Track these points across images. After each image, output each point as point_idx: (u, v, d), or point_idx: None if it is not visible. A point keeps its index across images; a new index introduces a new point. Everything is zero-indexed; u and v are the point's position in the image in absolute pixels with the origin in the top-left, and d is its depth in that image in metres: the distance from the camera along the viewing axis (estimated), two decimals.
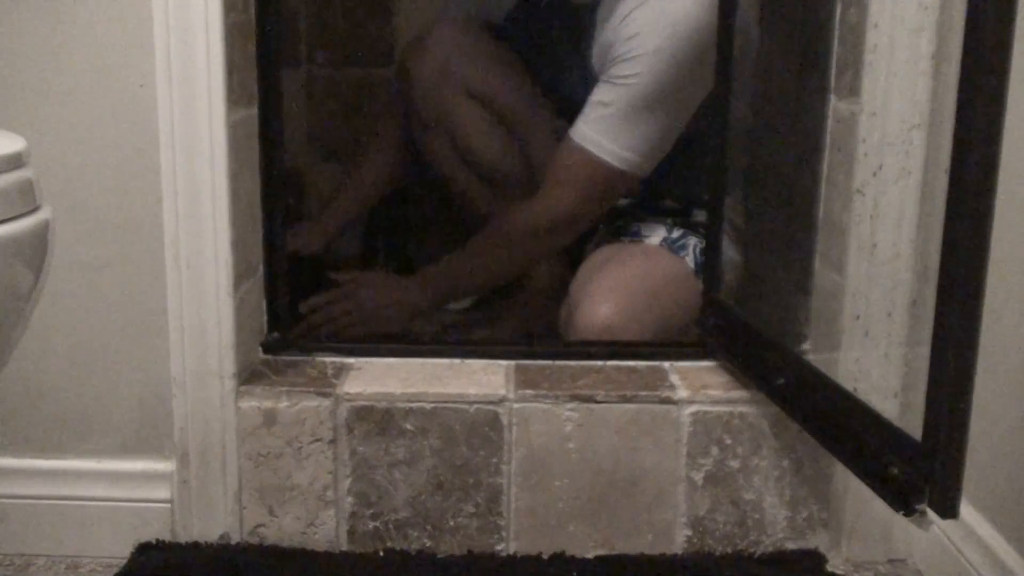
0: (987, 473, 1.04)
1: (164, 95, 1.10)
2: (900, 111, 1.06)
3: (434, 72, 1.57)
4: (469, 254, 1.53)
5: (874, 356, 1.11)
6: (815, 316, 1.21)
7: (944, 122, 0.97)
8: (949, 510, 0.82)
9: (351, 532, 1.20)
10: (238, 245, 1.16)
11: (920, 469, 0.85)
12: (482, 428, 1.18)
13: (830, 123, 1.15)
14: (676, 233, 1.50)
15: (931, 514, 0.84)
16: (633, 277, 1.42)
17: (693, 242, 1.48)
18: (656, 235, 1.50)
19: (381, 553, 1.19)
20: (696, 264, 1.44)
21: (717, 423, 1.18)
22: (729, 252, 1.35)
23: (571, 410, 1.17)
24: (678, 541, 1.20)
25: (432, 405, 1.17)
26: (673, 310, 1.39)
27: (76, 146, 1.13)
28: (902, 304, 1.07)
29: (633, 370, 1.25)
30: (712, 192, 1.28)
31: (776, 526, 1.20)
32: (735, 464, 1.19)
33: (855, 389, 1.01)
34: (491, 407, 1.17)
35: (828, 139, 1.16)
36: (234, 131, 1.14)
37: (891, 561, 1.20)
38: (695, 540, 1.20)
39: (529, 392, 1.18)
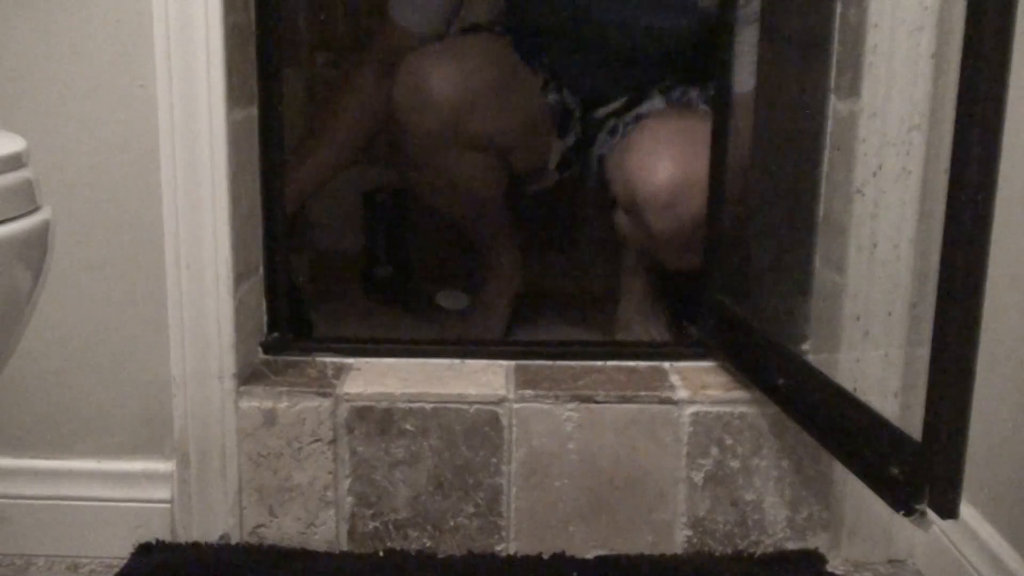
0: (987, 473, 1.04)
1: (164, 95, 1.10)
2: (900, 111, 1.06)
3: (435, 128, 1.44)
4: None
5: (874, 356, 1.11)
6: (815, 316, 1.21)
7: (944, 122, 0.97)
8: (949, 510, 0.82)
9: (351, 532, 1.20)
10: (238, 245, 1.16)
11: (920, 469, 0.84)
12: (482, 428, 1.18)
13: (830, 123, 1.15)
14: (676, 93, 1.50)
15: (931, 514, 0.84)
16: (675, 139, 1.39)
17: (694, 93, 1.49)
18: (658, 102, 1.49)
19: (381, 553, 1.19)
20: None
21: (717, 423, 1.18)
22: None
23: (571, 410, 1.17)
24: (678, 541, 1.20)
25: (432, 405, 1.17)
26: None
27: (76, 146, 1.13)
28: (902, 304, 1.07)
29: (633, 370, 1.25)
30: (712, 192, 1.28)
31: (776, 526, 1.20)
32: (735, 464, 1.19)
33: (855, 389, 1.01)
34: (491, 407, 1.17)
35: (828, 139, 1.16)
36: (234, 131, 1.14)
37: (891, 561, 1.20)
38: (695, 540, 1.20)
39: (529, 392, 1.18)
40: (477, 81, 1.44)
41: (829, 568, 1.17)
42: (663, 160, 1.34)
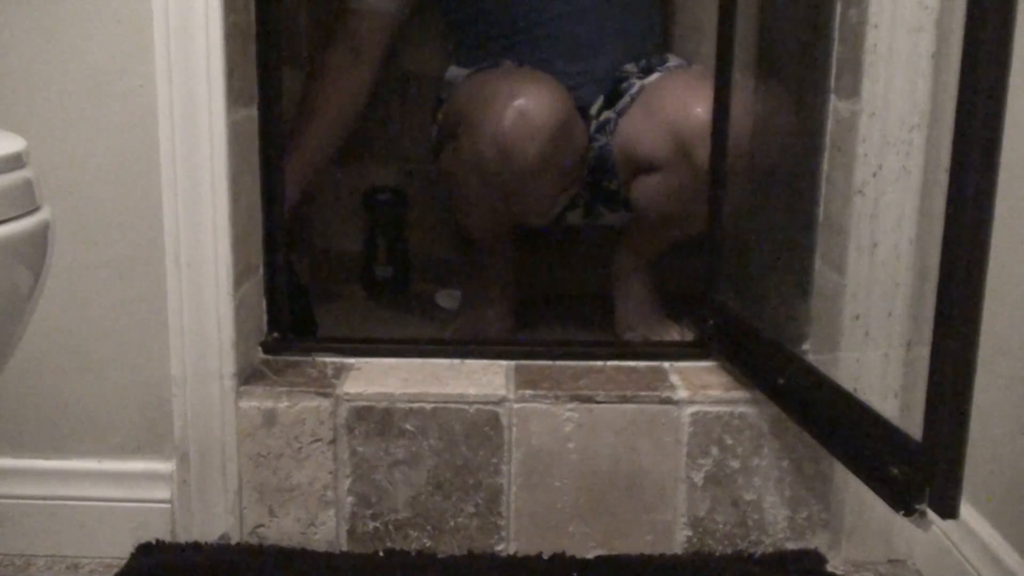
0: (987, 473, 1.04)
1: (164, 95, 1.10)
2: (900, 111, 1.06)
3: (541, 156, 1.38)
4: None
5: (874, 356, 1.11)
6: (815, 316, 1.21)
7: (944, 122, 0.97)
8: (949, 510, 0.82)
9: (351, 532, 1.20)
10: (238, 245, 1.16)
11: (920, 469, 0.85)
12: (482, 428, 1.18)
13: (830, 123, 1.15)
14: (672, 62, 1.55)
15: (931, 514, 0.84)
16: (695, 81, 1.43)
17: (673, 63, 1.55)
18: (655, 74, 1.53)
19: (381, 553, 1.19)
20: None
21: (717, 423, 1.18)
22: None
23: (571, 410, 1.17)
24: (678, 541, 1.20)
25: (432, 405, 1.17)
26: None
27: (76, 146, 1.13)
28: (902, 304, 1.07)
29: (633, 370, 1.25)
30: (712, 194, 1.28)
31: (776, 526, 1.20)
32: (735, 464, 1.19)
33: (855, 389, 1.01)
34: (491, 407, 1.17)
35: (828, 139, 1.16)
36: (234, 131, 1.14)
37: (891, 561, 1.20)
38: (695, 540, 1.20)
39: (529, 392, 1.18)
40: (566, 104, 1.43)
41: (829, 568, 1.17)
42: (699, 96, 1.36)
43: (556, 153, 1.41)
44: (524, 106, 1.37)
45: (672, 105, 1.41)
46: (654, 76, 1.52)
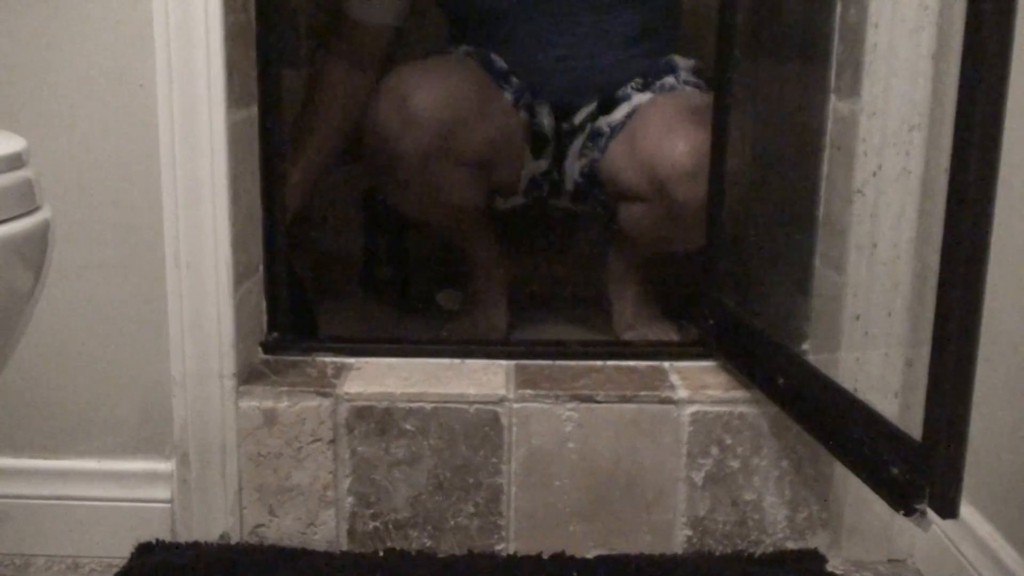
0: (987, 473, 1.04)
1: (164, 95, 1.10)
2: (900, 111, 1.06)
3: (421, 144, 1.41)
4: None
5: (874, 356, 1.11)
6: (815, 316, 1.21)
7: (944, 122, 0.97)
8: (949, 510, 0.82)
9: (351, 532, 1.20)
10: (238, 245, 1.16)
11: (920, 469, 0.85)
12: (482, 428, 1.18)
13: (830, 123, 1.15)
14: (656, 84, 1.53)
15: (931, 514, 0.84)
16: (683, 113, 1.42)
17: (670, 79, 1.53)
18: (649, 92, 1.52)
19: (381, 553, 1.19)
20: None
21: (717, 423, 1.18)
22: None
23: (571, 410, 1.17)
24: (678, 541, 1.20)
25: (432, 405, 1.17)
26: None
27: (76, 146, 1.13)
28: (902, 304, 1.07)
29: (633, 370, 1.25)
30: (712, 195, 1.28)
31: (776, 526, 1.20)
32: (735, 464, 1.19)
33: (855, 389, 1.01)
34: (491, 407, 1.17)
35: (828, 139, 1.16)
36: (234, 131, 1.14)
37: (891, 561, 1.20)
38: (695, 540, 1.20)
39: (529, 392, 1.18)
40: (460, 98, 1.44)
41: (829, 568, 1.17)
42: (680, 132, 1.37)
43: (447, 140, 1.42)
44: (404, 95, 1.41)
45: (655, 142, 1.41)
46: (647, 95, 1.51)
